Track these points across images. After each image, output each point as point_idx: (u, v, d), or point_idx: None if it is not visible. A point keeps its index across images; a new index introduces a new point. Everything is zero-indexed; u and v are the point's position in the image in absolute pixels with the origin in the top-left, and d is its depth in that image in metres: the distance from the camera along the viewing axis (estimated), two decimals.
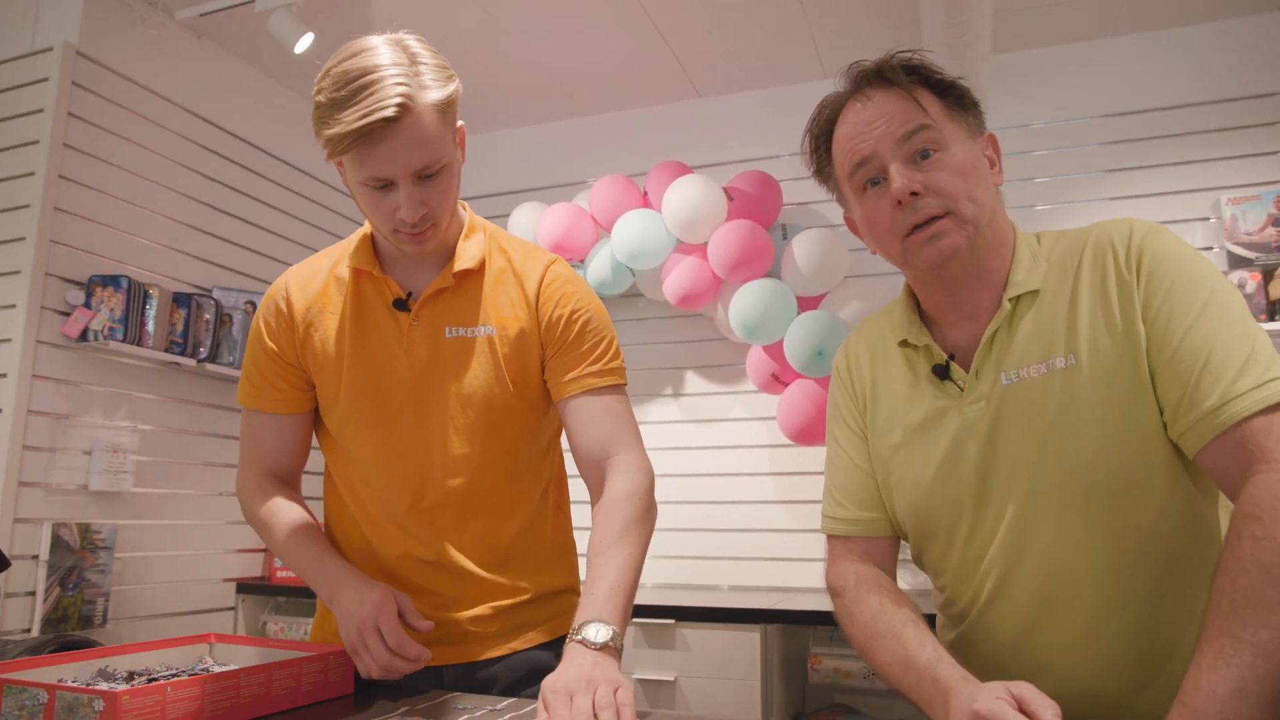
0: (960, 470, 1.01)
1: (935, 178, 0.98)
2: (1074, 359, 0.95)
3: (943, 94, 1.03)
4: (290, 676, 1.09)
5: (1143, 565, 0.94)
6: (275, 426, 1.33)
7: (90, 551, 2.53)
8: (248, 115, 3.33)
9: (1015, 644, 1.01)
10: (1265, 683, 0.72)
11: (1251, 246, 2.78)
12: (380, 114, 1.05)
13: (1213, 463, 0.88)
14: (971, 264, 1.01)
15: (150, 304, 2.66)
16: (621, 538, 1.16)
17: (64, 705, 0.89)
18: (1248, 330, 0.88)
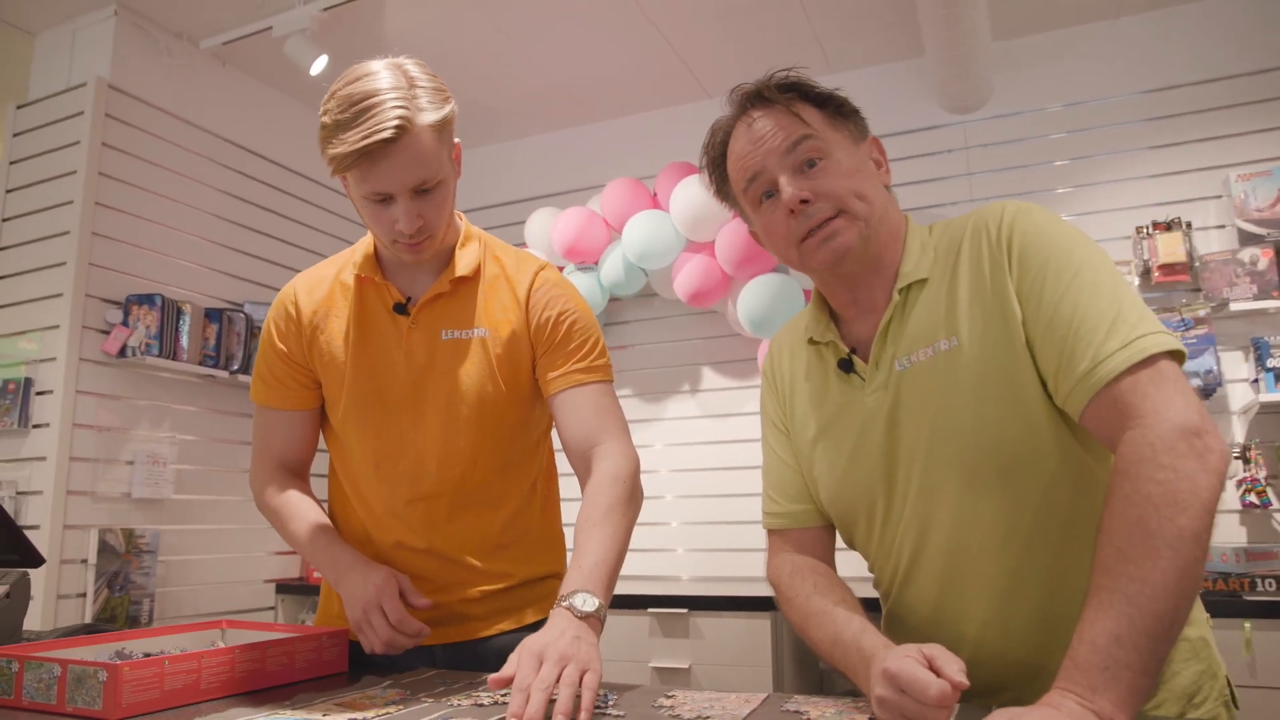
0: (869, 457, 1.07)
1: (822, 183, 1.03)
2: (955, 340, 1.00)
3: (821, 105, 1.07)
4: (284, 654, 1.19)
5: (1041, 533, 0.99)
6: (285, 422, 1.43)
7: (135, 555, 2.69)
8: (272, 135, 3.49)
9: (932, 617, 1.07)
10: (1139, 630, 0.77)
11: (1262, 223, 2.75)
12: (380, 135, 1.15)
13: (1094, 424, 0.91)
14: (865, 259, 1.06)
15: (183, 320, 2.82)
16: (606, 517, 1.22)
17: (74, 677, 1.00)
18: (1116, 293, 0.91)
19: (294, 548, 1.40)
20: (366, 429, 1.37)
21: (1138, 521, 0.80)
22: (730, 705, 1.02)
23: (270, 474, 1.44)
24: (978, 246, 1.02)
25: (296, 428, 1.44)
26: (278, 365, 1.41)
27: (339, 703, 1.04)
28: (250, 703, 1.06)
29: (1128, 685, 0.76)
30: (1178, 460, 0.81)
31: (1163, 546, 0.79)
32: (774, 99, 1.07)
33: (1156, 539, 0.79)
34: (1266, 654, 2.11)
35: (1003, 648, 1.02)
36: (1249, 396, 2.72)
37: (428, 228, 1.25)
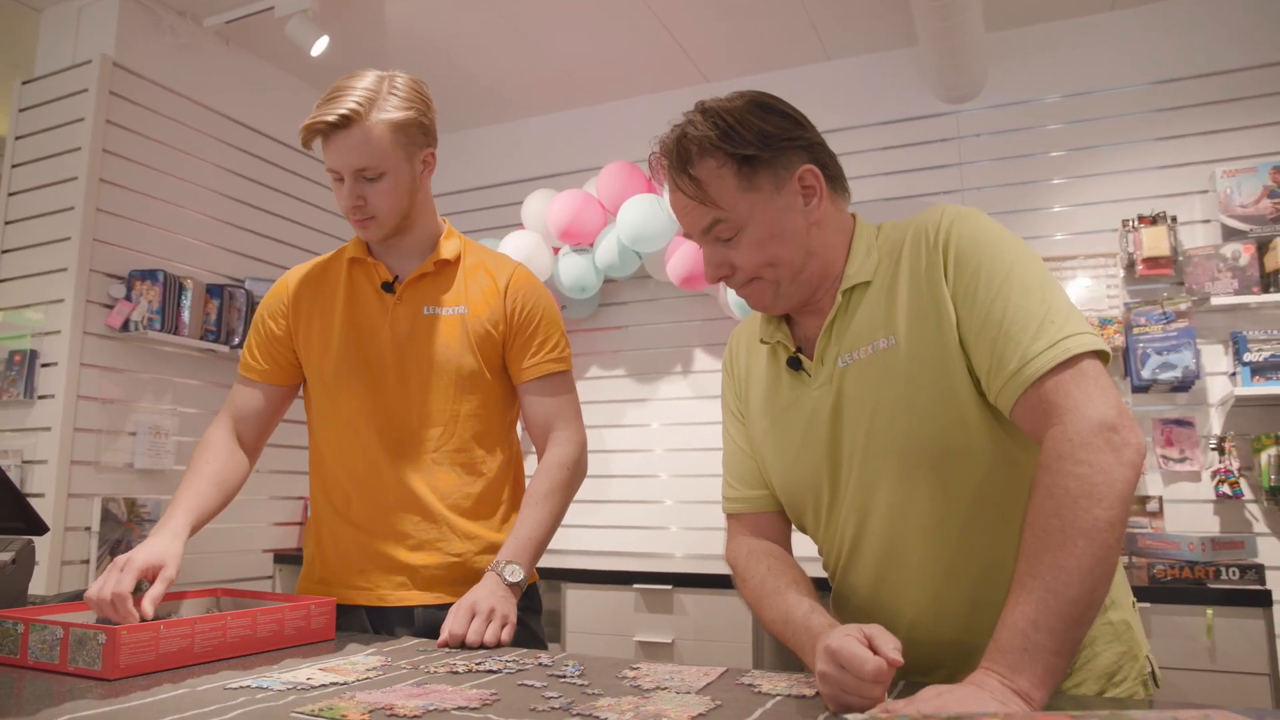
0: (814, 449, 1.13)
1: (738, 257, 1.08)
2: (893, 339, 1.05)
3: (739, 163, 1.05)
4: (274, 621, 1.26)
5: (973, 521, 1.04)
6: (255, 391, 1.59)
7: (137, 523, 2.77)
8: (275, 114, 3.53)
9: (872, 598, 1.13)
10: (1055, 614, 0.83)
11: (1246, 219, 2.79)
12: (325, 119, 1.38)
13: (1023, 420, 0.96)
14: (790, 304, 1.13)
15: (185, 295, 2.88)
16: (546, 497, 1.50)
17: (75, 639, 1.07)
18: (1044, 295, 0.96)
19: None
20: (355, 390, 1.52)
21: (1056, 513, 0.86)
22: (689, 677, 1.09)
23: (217, 431, 1.57)
24: (917, 249, 1.06)
25: (262, 401, 1.60)
26: (263, 340, 1.59)
27: (323, 668, 1.12)
28: (240, 667, 1.13)
29: (1045, 665, 0.83)
30: (1094, 455, 0.87)
31: (1078, 536, 0.84)
32: (683, 173, 1.07)
33: (1073, 529, 0.85)
34: (1226, 639, 2.18)
35: (936, 629, 1.08)
36: (1226, 389, 2.78)
37: (370, 209, 1.45)
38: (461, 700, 0.95)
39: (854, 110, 3.47)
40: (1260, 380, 2.61)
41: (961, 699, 0.81)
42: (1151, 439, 2.85)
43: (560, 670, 1.12)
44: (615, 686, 1.03)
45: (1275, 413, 2.74)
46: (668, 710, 0.92)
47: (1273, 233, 2.75)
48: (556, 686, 1.03)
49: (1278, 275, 2.68)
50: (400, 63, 3.53)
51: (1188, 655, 2.21)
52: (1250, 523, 2.74)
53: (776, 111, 1.09)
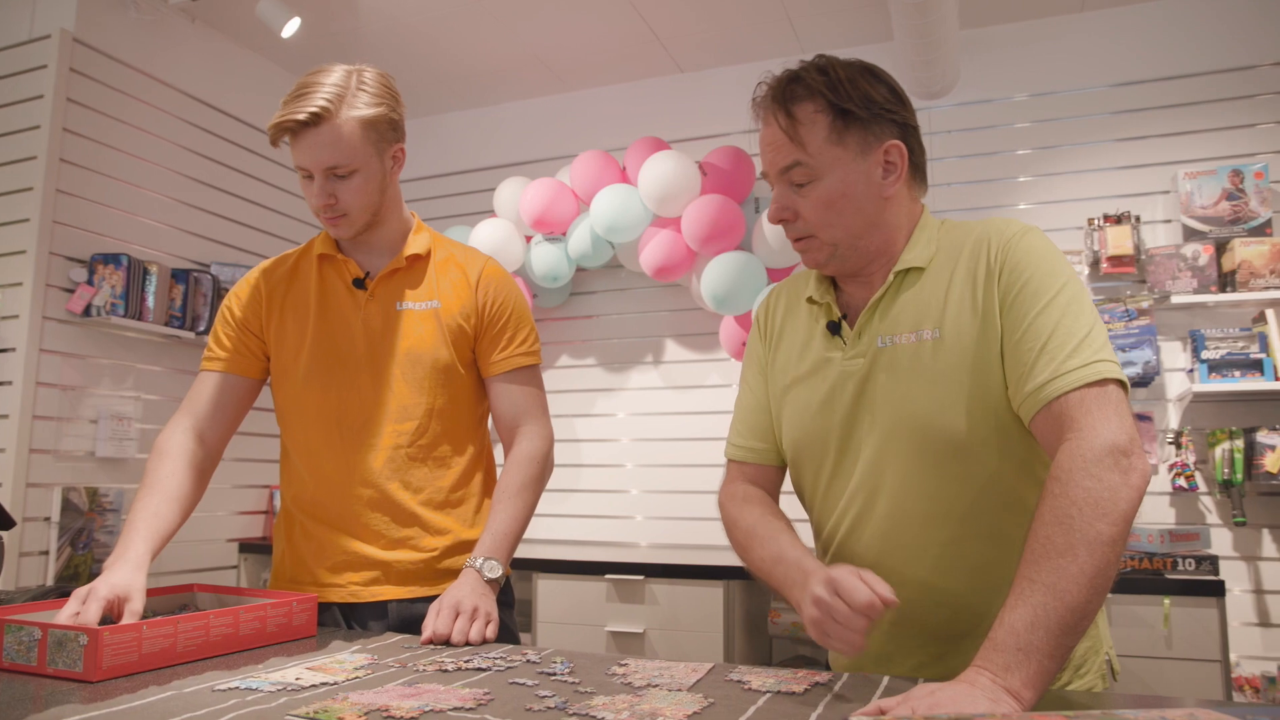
0: (833, 412, 1.17)
1: (803, 207, 1.13)
2: (938, 332, 1.10)
3: (836, 114, 1.09)
4: (256, 619, 1.25)
5: (979, 513, 1.09)
6: (216, 384, 1.52)
7: (99, 513, 2.71)
8: (241, 95, 3.46)
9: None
10: (1053, 617, 0.86)
11: (1205, 220, 2.87)
12: (295, 117, 1.36)
13: (1041, 430, 1.01)
14: (844, 267, 1.17)
15: (150, 280, 2.81)
16: (519, 492, 1.51)
17: (54, 640, 1.05)
18: (1087, 320, 1.02)
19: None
20: (329, 387, 1.50)
21: (1061, 522, 0.90)
22: (678, 674, 1.10)
23: (170, 435, 1.48)
24: (978, 254, 1.11)
25: (224, 394, 1.53)
26: (232, 331, 1.54)
27: (310, 667, 1.11)
28: (225, 666, 1.12)
29: (1037, 666, 0.85)
30: (1104, 473, 0.91)
31: (1081, 546, 0.88)
32: (782, 106, 1.11)
33: (1077, 539, 0.88)
34: (1182, 628, 2.26)
35: (927, 615, 1.11)
36: (1184, 385, 2.86)
37: (340, 208, 1.44)
38: (456, 700, 0.95)
39: None
40: (1216, 377, 2.69)
41: (953, 697, 0.83)
42: None
43: (549, 668, 1.13)
44: (606, 684, 1.04)
45: (1230, 408, 2.83)
46: (663, 709, 0.93)
47: (1230, 234, 2.83)
48: (548, 685, 1.04)
49: (1234, 275, 2.76)
50: (372, 46, 3.47)
51: (1146, 644, 2.28)
52: (1204, 514, 2.83)
53: (885, 83, 1.14)
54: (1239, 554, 2.77)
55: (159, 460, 1.46)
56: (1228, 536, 2.78)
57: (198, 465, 1.49)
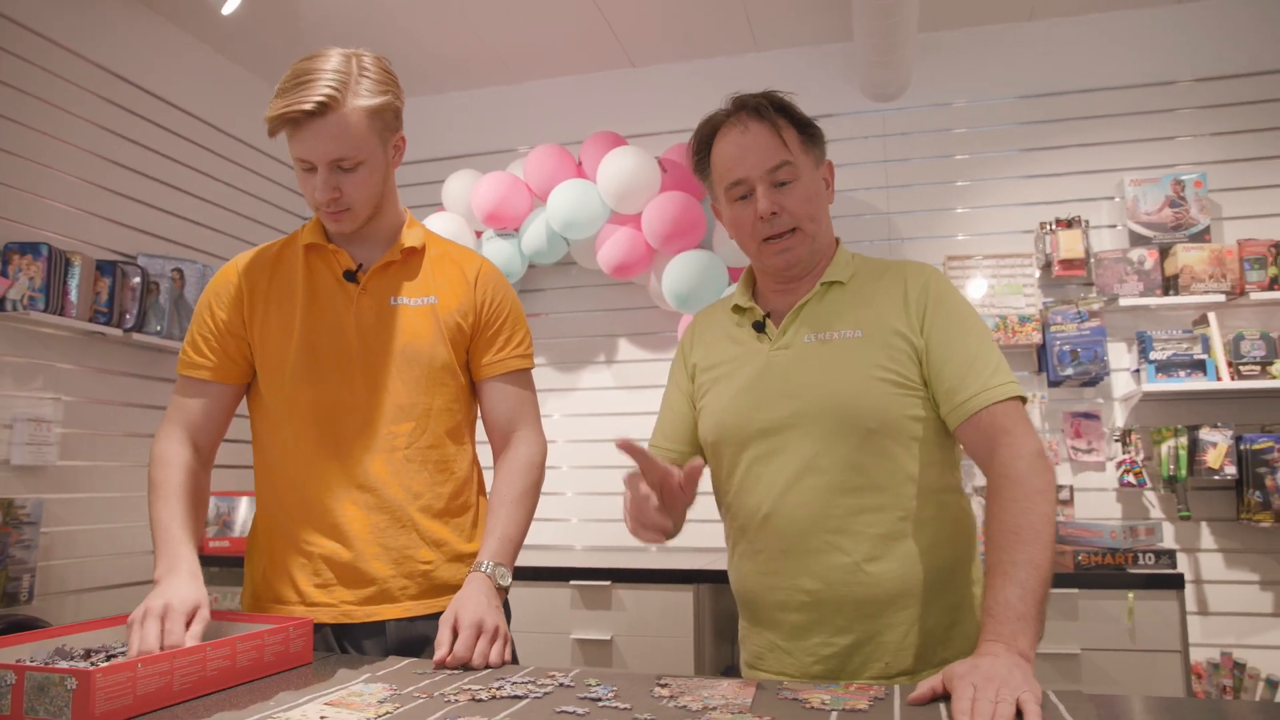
0: (757, 396, 1.31)
1: (790, 202, 1.30)
2: (859, 332, 1.29)
3: (800, 129, 1.31)
4: (254, 649, 1.13)
5: (898, 490, 1.26)
6: (205, 394, 1.44)
7: (14, 527, 2.47)
8: (173, 78, 3.22)
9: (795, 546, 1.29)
10: (1037, 587, 1.06)
11: (1150, 226, 2.97)
12: (301, 107, 1.26)
13: (968, 437, 1.23)
14: (807, 266, 1.35)
15: (72, 272, 2.58)
16: (522, 498, 1.47)
17: (34, 685, 0.92)
18: (995, 349, 1.26)
19: (150, 524, 1.35)
20: (320, 386, 1.40)
21: (1026, 511, 1.11)
22: (727, 693, 1.04)
23: (169, 446, 1.42)
24: (897, 281, 1.32)
25: (214, 402, 1.45)
26: (211, 336, 1.44)
27: (329, 702, 1.00)
28: (231, 705, 1.00)
29: (1034, 630, 1.04)
30: (1043, 471, 1.15)
31: (1041, 527, 1.11)
32: (768, 116, 1.30)
33: (1038, 522, 1.11)
34: (1146, 621, 2.32)
35: (849, 590, 1.25)
36: (1131, 385, 2.96)
37: (345, 201, 1.35)
38: None
39: None
40: (1163, 377, 2.79)
41: (993, 667, 0.97)
42: (1062, 431, 3.01)
43: (589, 692, 1.05)
44: (661, 710, 0.98)
45: (1175, 407, 2.95)
46: None
47: (1173, 240, 2.94)
48: (602, 714, 0.96)
49: (1177, 280, 2.87)
50: (313, 30, 3.28)
51: (1111, 637, 2.34)
52: (1148, 509, 2.94)
53: None
54: (1181, 546, 2.88)
55: (166, 469, 1.38)
56: (1170, 530, 2.89)
57: (199, 473, 1.42)
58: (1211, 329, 2.83)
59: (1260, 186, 2.99)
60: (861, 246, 3.23)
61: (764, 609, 1.34)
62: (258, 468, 1.49)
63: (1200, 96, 3.07)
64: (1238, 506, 2.82)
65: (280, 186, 3.79)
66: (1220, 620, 2.85)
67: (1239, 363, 2.78)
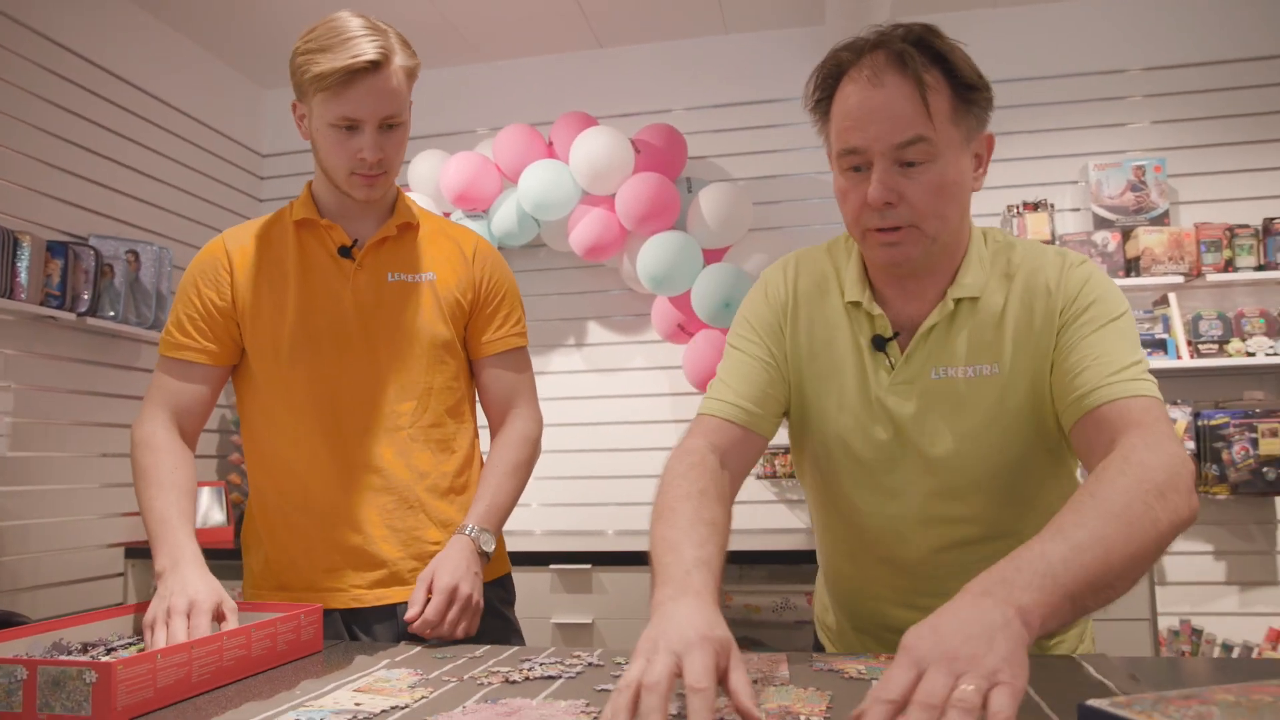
0: (870, 432, 1.11)
1: (913, 192, 0.99)
2: (997, 368, 1.07)
3: (958, 91, 1.00)
4: (268, 637, 1.09)
5: (1018, 527, 1.08)
6: (190, 376, 1.39)
7: None
8: (133, 56, 3.07)
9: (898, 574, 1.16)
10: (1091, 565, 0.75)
11: (1113, 209, 3.05)
12: (365, 57, 1.23)
13: (1086, 432, 0.97)
14: (920, 267, 1.07)
15: (21, 253, 2.45)
16: (515, 470, 1.45)
17: (48, 680, 0.86)
18: (1139, 348, 1.02)
19: (143, 513, 1.29)
20: (317, 365, 1.37)
21: (1133, 495, 0.82)
22: (764, 667, 1.03)
23: (154, 429, 1.36)
24: (1032, 292, 1.07)
25: (200, 384, 1.40)
26: (198, 316, 1.38)
27: (359, 689, 0.97)
28: (254, 695, 0.96)
29: (1056, 602, 0.73)
30: (1182, 486, 0.85)
31: (1144, 523, 0.80)
32: (912, 69, 0.98)
33: (1140, 515, 0.80)
34: None
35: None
36: None
37: (385, 163, 1.33)
38: (567, 716, 0.85)
39: (749, 85, 3.47)
40: None
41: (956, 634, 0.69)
42: None
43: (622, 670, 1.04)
44: None
45: None
46: (793, 706, 0.87)
47: (1134, 223, 3.03)
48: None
49: (1138, 261, 2.95)
50: (270, 5, 3.16)
51: None
52: None
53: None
54: None
55: (154, 454, 1.32)
56: None
57: (187, 457, 1.36)
58: (1172, 309, 2.92)
59: (1216, 172, 3.09)
60: (832, 230, 3.25)
61: (862, 617, 1.24)
62: (249, 453, 1.44)
63: (1159, 84, 3.15)
64: (1195, 480, 2.92)
65: (237, 168, 3.66)
66: (1179, 589, 2.95)
67: (1198, 341, 2.88)
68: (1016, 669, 0.66)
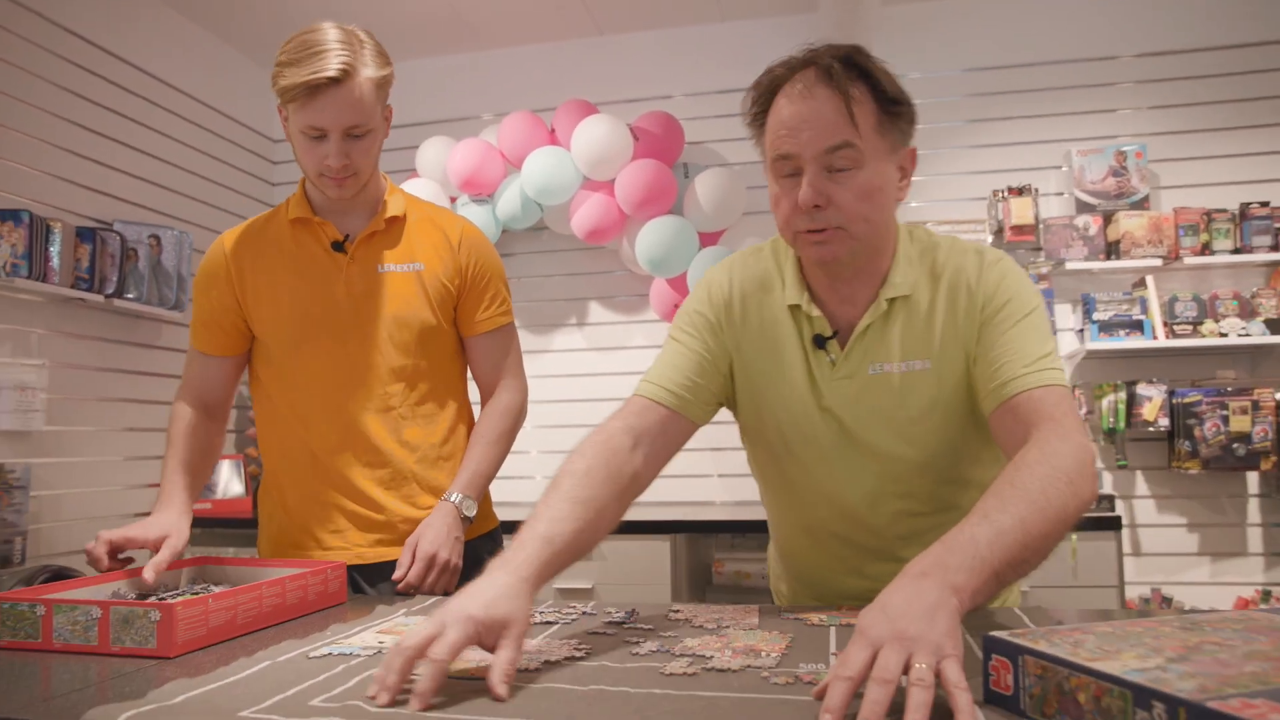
0: (818, 423, 1.22)
1: (840, 195, 1.08)
2: (928, 363, 1.17)
3: (883, 104, 1.08)
4: (300, 588, 1.24)
5: (946, 498, 1.22)
6: (210, 365, 1.59)
7: (4, 491, 2.51)
8: (146, 45, 3.19)
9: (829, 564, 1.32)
10: (1013, 545, 0.86)
11: (1095, 194, 3.16)
12: (325, 74, 1.35)
13: (1005, 421, 1.08)
14: (850, 266, 1.15)
15: (53, 239, 2.59)
16: (497, 440, 1.59)
17: (119, 618, 1.01)
18: (1050, 341, 1.12)
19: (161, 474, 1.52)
20: (316, 352, 1.52)
21: (1044, 482, 0.91)
22: (738, 616, 1.17)
23: (181, 405, 1.57)
24: (956, 290, 1.16)
25: (214, 369, 1.59)
26: (207, 315, 1.57)
27: (382, 630, 1.11)
28: (292, 635, 1.11)
29: (984, 581, 0.83)
30: (1086, 470, 0.95)
31: (1053, 508, 0.89)
32: (838, 83, 1.06)
33: (1053, 500, 0.90)
34: (1087, 560, 2.55)
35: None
36: (1076, 344, 3.16)
37: (352, 167, 1.44)
38: (564, 651, 0.99)
39: (745, 72, 3.55)
40: (1105, 336, 3.00)
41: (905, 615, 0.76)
42: None
43: (615, 618, 1.18)
44: (683, 629, 1.10)
45: (1115, 364, 3.16)
46: (757, 644, 1.00)
47: (1115, 207, 3.14)
48: (631, 633, 1.09)
49: (1119, 245, 3.07)
50: None
51: (1055, 575, 2.56)
52: None
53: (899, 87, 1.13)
54: (1118, 493, 3.12)
55: (176, 424, 1.54)
56: (1110, 478, 3.12)
57: (208, 425, 1.57)
58: (1149, 291, 3.04)
59: (1195, 158, 3.19)
60: None
61: (815, 585, 1.37)
62: (261, 427, 1.62)
63: (1141, 71, 3.25)
64: (1169, 455, 3.06)
65: (250, 153, 3.78)
66: (1152, 560, 3.10)
67: (1173, 322, 3.00)
68: (956, 641, 0.74)
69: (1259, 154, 3.15)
